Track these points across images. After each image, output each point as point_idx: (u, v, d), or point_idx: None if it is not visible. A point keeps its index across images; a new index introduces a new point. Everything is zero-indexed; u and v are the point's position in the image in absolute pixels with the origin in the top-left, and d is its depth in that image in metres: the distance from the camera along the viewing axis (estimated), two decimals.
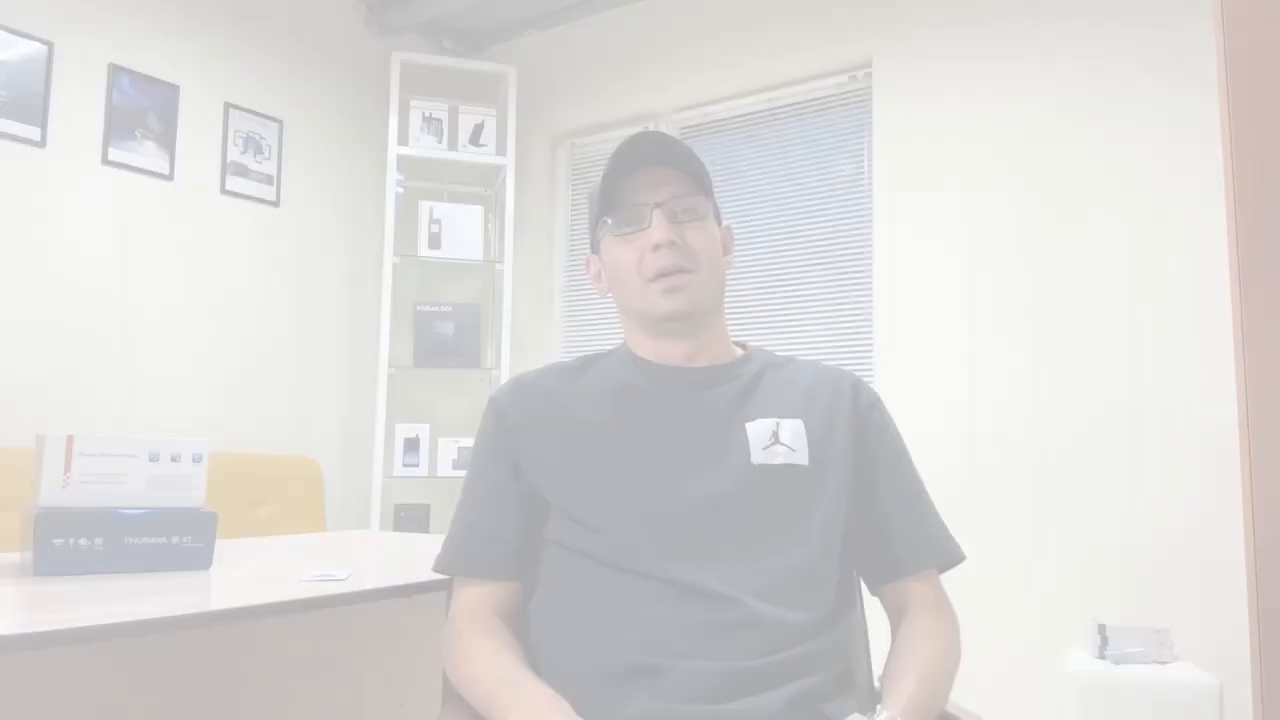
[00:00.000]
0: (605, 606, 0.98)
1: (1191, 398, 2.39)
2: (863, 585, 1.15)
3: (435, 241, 3.50)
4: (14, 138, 2.64)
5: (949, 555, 1.09)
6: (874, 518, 1.08)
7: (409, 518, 3.46)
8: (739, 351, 1.17)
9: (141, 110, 2.94)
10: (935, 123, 2.87)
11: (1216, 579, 2.29)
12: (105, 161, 2.84)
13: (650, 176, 1.09)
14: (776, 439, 1.05)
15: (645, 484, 1.02)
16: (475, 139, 3.60)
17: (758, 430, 1.05)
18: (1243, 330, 1.39)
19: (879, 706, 0.94)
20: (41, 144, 2.70)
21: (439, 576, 1.13)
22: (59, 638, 0.90)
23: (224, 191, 3.16)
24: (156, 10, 3.01)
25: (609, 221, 1.11)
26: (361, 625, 1.60)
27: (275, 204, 3.31)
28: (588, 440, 1.06)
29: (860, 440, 1.09)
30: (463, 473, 1.28)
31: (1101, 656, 2.18)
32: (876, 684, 1.21)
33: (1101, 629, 2.19)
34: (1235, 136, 1.41)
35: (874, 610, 1.15)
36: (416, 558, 1.64)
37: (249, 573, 1.34)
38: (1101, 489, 2.48)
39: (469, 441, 2.47)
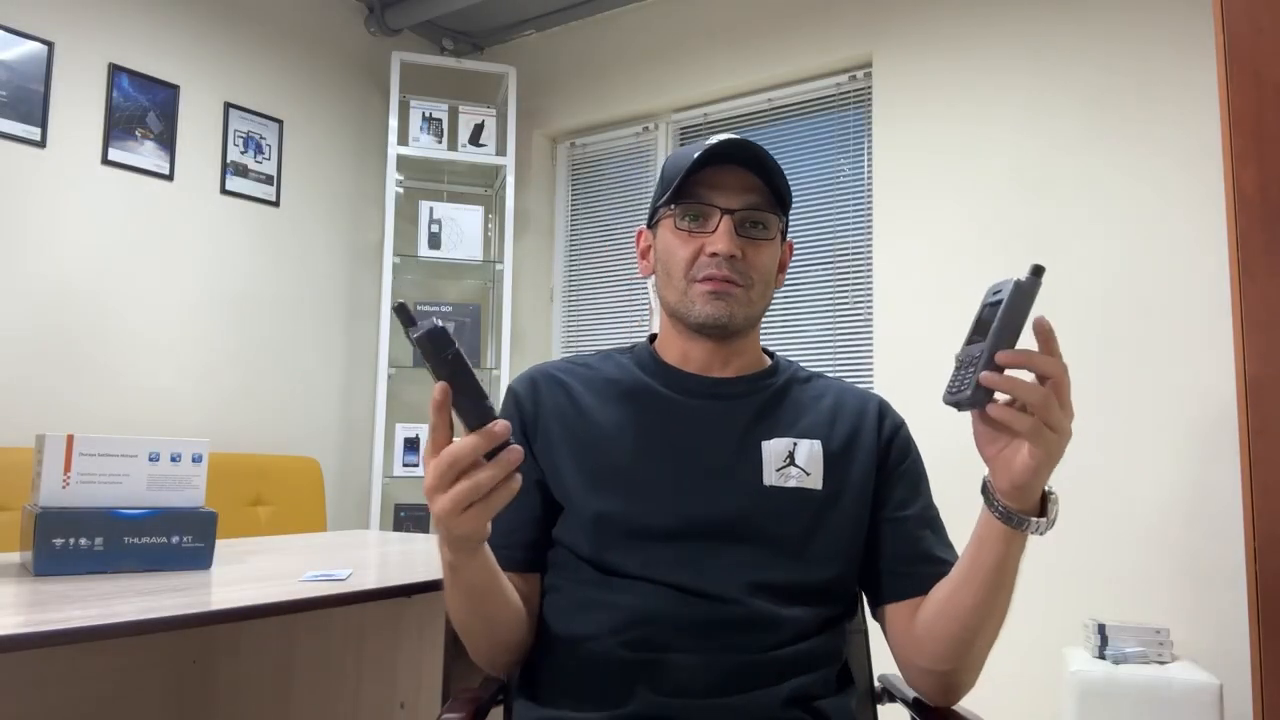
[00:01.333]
0: (606, 605, 0.98)
1: (1191, 396, 2.39)
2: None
3: (435, 241, 3.50)
4: (14, 138, 2.64)
5: None
6: (885, 539, 1.06)
7: (409, 518, 3.46)
8: (766, 362, 1.14)
9: (141, 110, 2.94)
10: (935, 122, 2.87)
11: (1216, 578, 2.29)
12: (105, 161, 2.84)
13: (732, 179, 1.04)
14: (791, 460, 1.03)
15: (653, 495, 1.01)
16: (475, 139, 3.60)
17: (773, 450, 1.04)
18: (1242, 329, 1.39)
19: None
20: (41, 144, 2.70)
21: (439, 576, 1.13)
22: (59, 638, 0.90)
23: (224, 191, 3.16)
24: (156, 10, 3.00)
25: (674, 208, 1.06)
26: (361, 625, 1.60)
27: (275, 204, 3.31)
28: (599, 443, 1.04)
29: (882, 464, 1.07)
30: None
31: (1100, 656, 2.18)
32: (877, 684, 1.21)
33: (1100, 628, 2.19)
34: (1235, 136, 1.42)
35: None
36: (416, 558, 1.63)
37: (249, 573, 1.34)
38: (1101, 488, 2.48)
39: None
